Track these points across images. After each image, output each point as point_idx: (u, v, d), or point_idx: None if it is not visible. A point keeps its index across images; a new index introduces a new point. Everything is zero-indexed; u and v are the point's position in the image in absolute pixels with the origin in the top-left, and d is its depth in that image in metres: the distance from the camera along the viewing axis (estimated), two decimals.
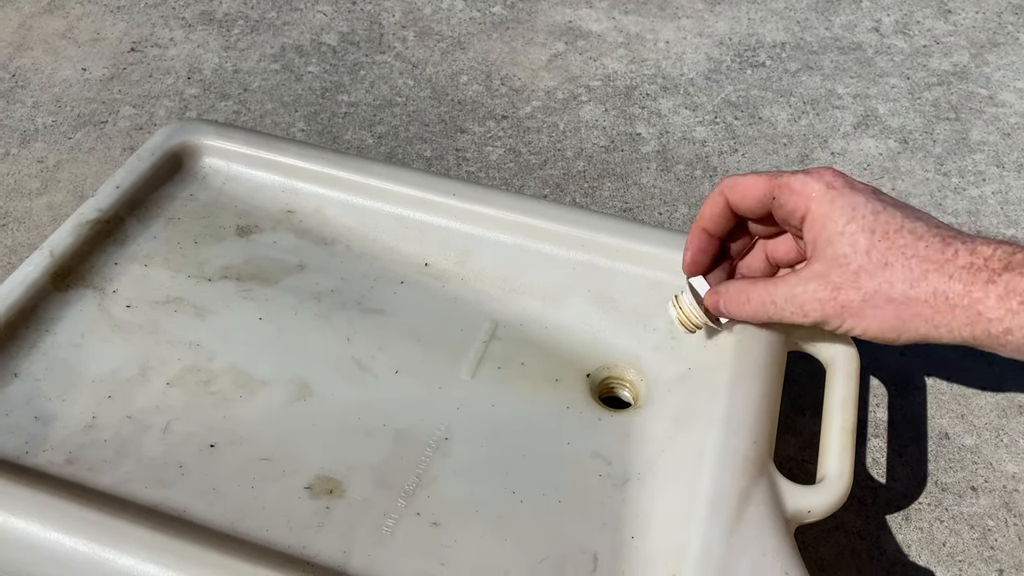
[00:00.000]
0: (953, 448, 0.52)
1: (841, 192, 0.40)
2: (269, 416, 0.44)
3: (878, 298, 0.38)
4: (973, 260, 0.37)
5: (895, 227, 0.38)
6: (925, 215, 0.39)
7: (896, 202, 0.40)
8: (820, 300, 0.40)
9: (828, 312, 0.40)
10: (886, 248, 0.38)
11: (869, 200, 0.39)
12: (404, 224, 0.52)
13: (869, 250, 0.38)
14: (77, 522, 0.37)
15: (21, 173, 0.68)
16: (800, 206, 0.40)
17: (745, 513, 0.38)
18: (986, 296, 0.36)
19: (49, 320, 0.46)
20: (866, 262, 0.38)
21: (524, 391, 0.46)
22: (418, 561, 0.38)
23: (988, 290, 0.36)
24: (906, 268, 0.37)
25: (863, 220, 0.39)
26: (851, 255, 0.39)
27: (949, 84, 0.76)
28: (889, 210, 0.39)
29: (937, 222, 0.39)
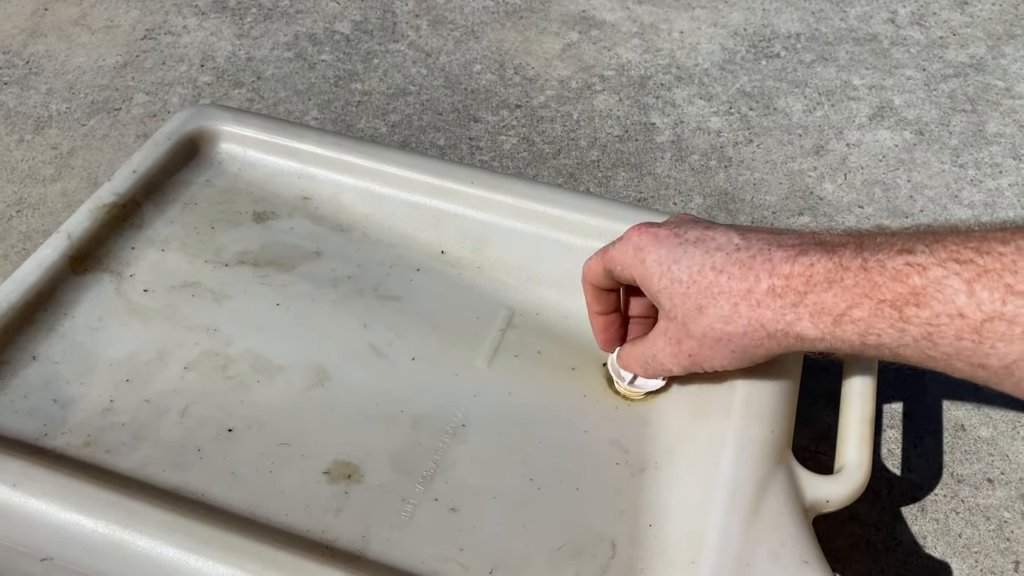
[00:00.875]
0: (969, 440, 0.51)
1: (648, 251, 0.40)
2: (287, 401, 0.44)
3: (709, 339, 0.39)
4: (774, 283, 0.36)
5: (697, 268, 0.38)
6: (727, 238, 0.38)
7: (700, 234, 0.39)
8: (671, 355, 0.41)
9: (684, 363, 0.41)
10: (696, 292, 0.38)
11: (671, 249, 0.39)
12: (420, 211, 0.52)
13: (684, 299, 0.38)
14: (96, 503, 0.37)
15: (35, 159, 0.68)
16: (627, 274, 0.41)
17: (763, 502, 0.38)
18: (798, 319, 0.35)
19: (67, 303, 0.46)
20: (687, 310, 0.39)
21: (541, 379, 0.46)
22: (437, 546, 0.38)
23: (799, 313, 0.35)
24: (716, 307, 0.37)
25: (670, 272, 0.39)
26: (674, 308, 0.39)
27: (966, 76, 0.75)
28: (690, 251, 0.39)
29: (739, 243, 0.38)
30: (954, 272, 0.31)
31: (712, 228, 0.40)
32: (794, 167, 0.68)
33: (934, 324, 0.32)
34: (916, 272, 0.32)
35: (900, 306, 0.32)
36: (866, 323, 0.34)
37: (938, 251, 0.32)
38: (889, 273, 0.33)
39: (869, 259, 0.33)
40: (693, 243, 0.39)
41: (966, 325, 0.31)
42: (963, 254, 0.31)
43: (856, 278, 0.34)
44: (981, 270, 0.30)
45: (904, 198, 0.65)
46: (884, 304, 0.33)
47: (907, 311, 0.32)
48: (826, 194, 0.66)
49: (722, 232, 0.39)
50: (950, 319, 0.31)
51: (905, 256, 0.33)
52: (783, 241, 0.37)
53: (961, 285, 0.31)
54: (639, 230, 0.41)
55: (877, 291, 0.33)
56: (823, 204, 0.65)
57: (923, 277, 0.32)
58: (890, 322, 0.33)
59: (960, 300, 0.31)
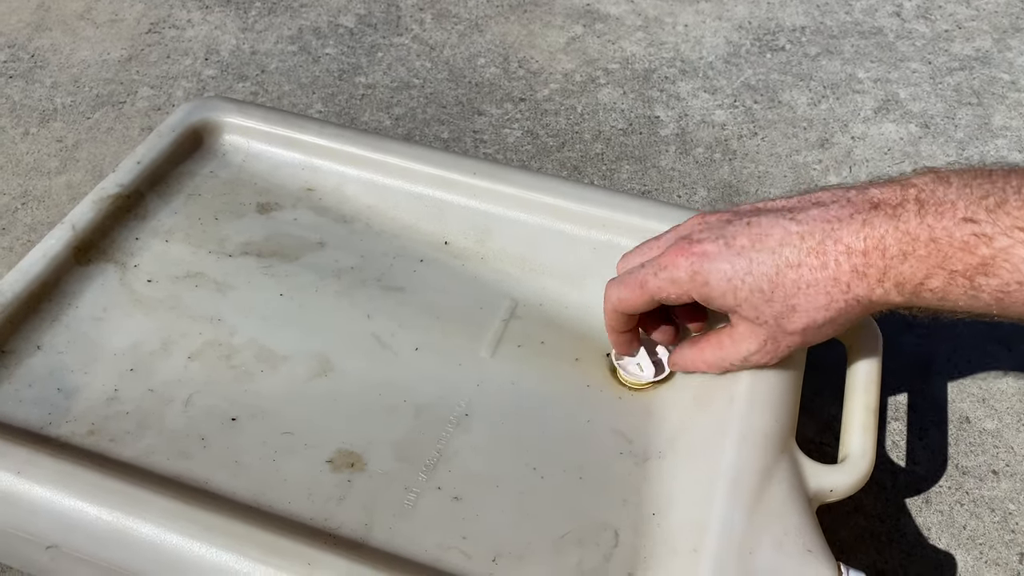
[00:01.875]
0: (974, 432, 0.51)
1: (707, 272, 0.39)
2: (290, 391, 0.44)
3: (811, 329, 0.39)
4: (855, 263, 0.36)
5: (773, 272, 0.38)
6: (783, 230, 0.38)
7: (752, 236, 0.39)
8: (769, 352, 0.41)
9: (783, 355, 0.41)
10: (783, 295, 0.38)
11: (732, 261, 0.39)
12: (424, 203, 0.52)
13: (770, 304, 0.38)
14: (100, 491, 0.37)
15: (40, 152, 0.68)
16: (686, 298, 0.41)
17: (767, 491, 0.38)
18: (886, 293, 0.36)
19: (71, 294, 0.47)
20: (777, 313, 0.39)
21: (544, 369, 0.46)
22: (440, 535, 0.38)
23: (885, 288, 0.36)
24: (810, 300, 0.38)
25: (746, 285, 0.38)
26: (760, 315, 0.39)
27: (971, 69, 0.75)
28: (755, 258, 0.38)
29: (798, 230, 0.38)
30: (1019, 240, 0.32)
31: (755, 224, 0.39)
32: (799, 160, 0.68)
33: (1004, 291, 0.33)
34: (983, 242, 0.33)
35: (971, 276, 0.34)
36: (943, 291, 0.35)
37: (1001, 218, 0.33)
38: (958, 244, 0.34)
39: (935, 227, 0.34)
40: (751, 248, 0.38)
41: None
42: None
43: (927, 249, 0.34)
44: None
45: None
46: (956, 274, 0.34)
47: (978, 280, 0.34)
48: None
49: (771, 224, 0.38)
50: (1019, 286, 0.33)
51: (970, 225, 0.33)
52: (839, 213, 0.37)
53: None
54: (683, 255, 0.40)
55: (948, 262, 0.34)
56: None
57: (990, 247, 0.33)
58: (963, 290, 0.34)
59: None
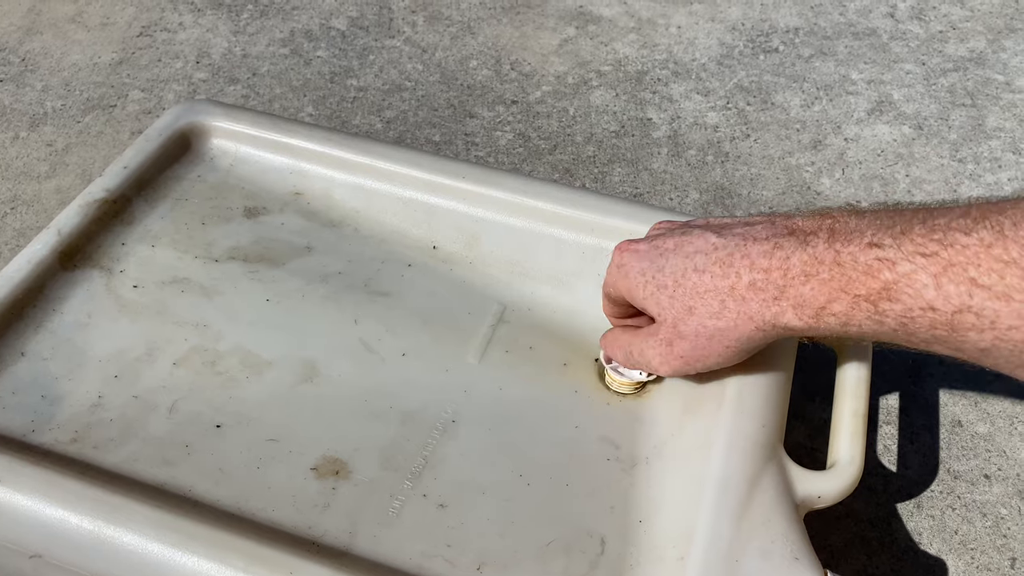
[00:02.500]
0: (966, 436, 0.51)
1: (630, 266, 0.41)
2: (276, 397, 0.43)
3: (702, 337, 0.39)
4: (754, 277, 0.37)
5: (680, 273, 0.39)
6: (704, 240, 0.39)
7: (678, 241, 0.40)
8: (661, 356, 0.41)
9: (674, 365, 0.41)
10: (682, 295, 0.39)
11: (653, 259, 0.41)
12: (412, 207, 0.52)
13: (672, 303, 0.40)
14: (82, 500, 0.37)
15: (30, 156, 0.68)
16: (616, 292, 0.43)
17: (754, 498, 0.38)
18: (782, 312, 0.36)
19: (56, 299, 0.46)
20: (676, 314, 0.40)
21: (532, 375, 0.46)
22: (424, 543, 0.38)
23: (782, 306, 0.36)
24: (705, 305, 0.39)
25: (654, 281, 0.40)
26: (662, 312, 0.40)
27: (965, 70, 0.75)
28: (670, 259, 0.40)
29: (715, 242, 0.39)
30: (921, 267, 0.32)
31: (688, 233, 0.41)
32: (791, 162, 0.67)
33: (908, 316, 0.33)
34: (886, 267, 0.33)
35: (875, 300, 0.33)
36: (846, 316, 0.34)
37: (904, 244, 0.32)
38: (861, 268, 0.33)
39: (841, 251, 0.34)
40: (672, 250, 0.40)
41: (937, 317, 0.32)
42: (928, 247, 0.32)
43: (831, 272, 0.34)
44: (946, 263, 0.31)
45: (903, 193, 0.65)
46: (860, 299, 0.34)
47: (881, 305, 0.33)
48: (823, 189, 0.65)
49: (698, 235, 0.40)
50: (922, 311, 0.32)
51: (875, 250, 0.33)
52: (757, 234, 0.38)
53: (928, 279, 0.32)
54: (619, 249, 0.43)
55: (852, 286, 0.34)
56: (820, 199, 0.64)
57: (892, 272, 0.33)
58: (867, 315, 0.34)
59: (929, 294, 0.32)
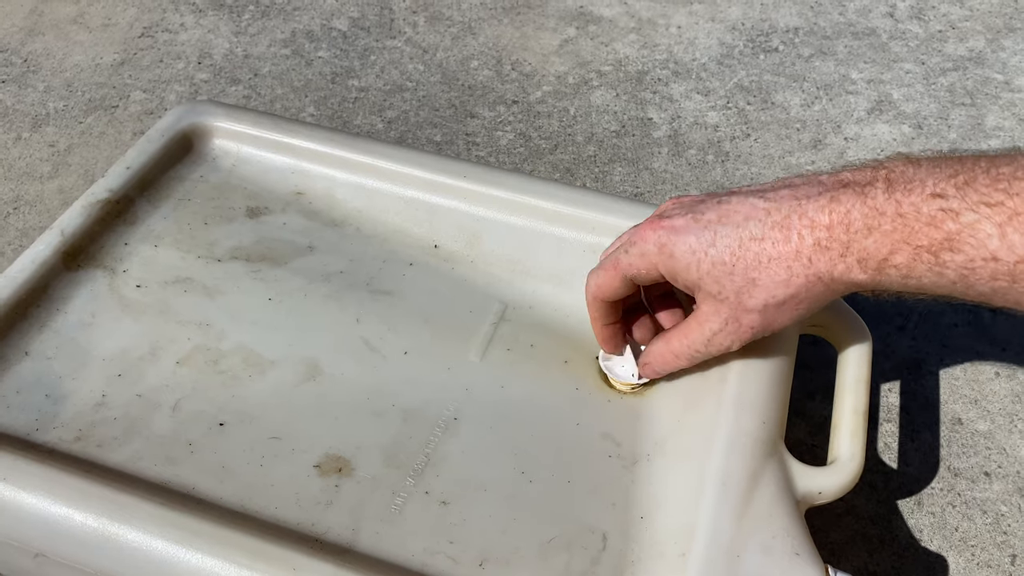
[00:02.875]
0: (966, 433, 0.51)
1: (674, 244, 0.39)
2: (278, 395, 0.44)
3: (771, 306, 0.39)
4: (818, 236, 0.36)
5: (737, 244, 0.38)
6: (751, 206, 0.38)
7: (720, 211, 0.39)
8: (731, 333, 0.40)
9: (746, 338, 0.41)
10: (744, 268, 0.38)
11: (699, 234, 0.39)
12: (414, 206, 0.52)
13: (732, 278, 0.38)
14: (86, 497, 0.37)
15: (33, 157, 0.68)
16: (654, 273, 0.41)
17: (755, 494, 0.38)
18: (848, 269, 0.36)
19: (60, 299, 0.47)
20: (738, 287, 0.38)
21: (533, 373, 0.46)
22: (426, 539, 0.38)
23: (848, 263, 0.36)
24: (770, 274, 0.37)
25: (708, 258, 0.39)
26: (723, 289, 0.39)
27: (965, 69, 0.75)
28: (720, 231, 0.38)
29: (765, 206, 0.38)
30: (985, 216, 0.32)
31: (725, 202, 0.39)
32: (792, 161, 0.67)
33: (969, 268, 0.32)
34: (950, 218, 0.32)
35: (936, 251, 0.33)
36: (907, 268, 0.34)
37: (969, 194, 0.32)
38: (924, 219, 0.33)
39: (903, 202, 0.34)
40: (718, 222, 0.39)
41: (1000, 268, 0.32)
42: (993, 196, 0.31)
43: (893, 223, 0.34)
44: (1012, 212, 0.31)
45: None
46: (921, 250, 0.33)
47: (943, 256, 0.33)
48: None
49: (740, 201, 0.39)
50: (984, 262, 0.32)
51: (938, 201, 0.33)
52: (808, 192, 0.37)
53: (993, 229, 0.31)
54: (651, 228, 0.40)
55: (914, 237, 0.33)
56: None
57: (956, 222, 0.32)
58: (928, 266, 0.34)
59: (993, 244, 0.31)
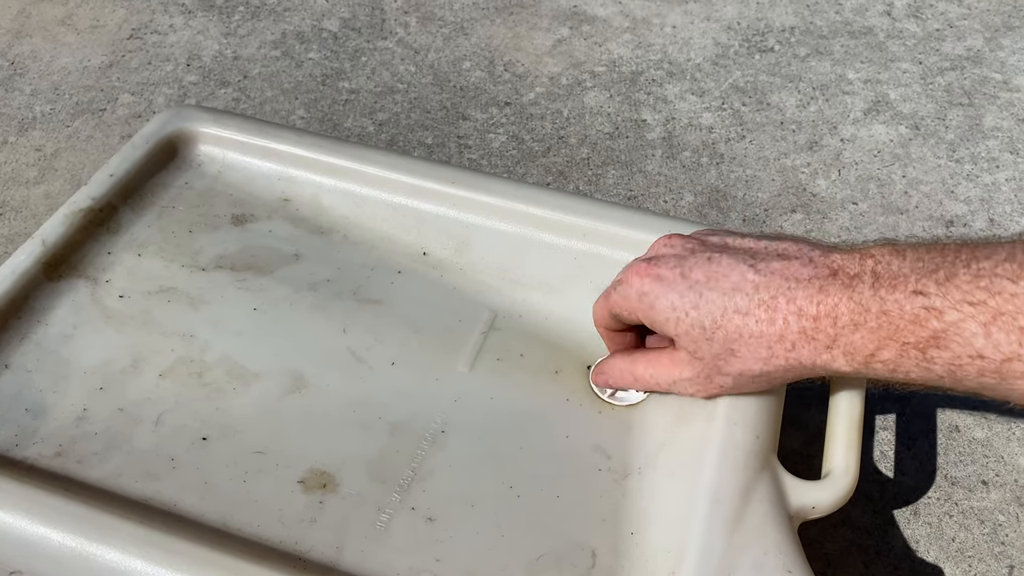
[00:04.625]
0: (963, 441, 0.50)
1: (655, 296, 0.39)
2: (262, 408, 0.43)
3: (745, 377, 0.39)
4: (804, 326, 0.36)
5: (719, 313, 0.38)
6: (740, 275, 0.38)
7: (708, 272, 0.39)
8: (698, 385, 0.41)
9: (712, 393, 0.41)
10: (724, 338, 0.38)
11: (682, 293, 0.39)
12: (402, 213, 0.51)
13: (711, 344, 0.39)
14: (65, 516, 0.36)
15: (19, 162, 0.67)
16: (634, 318, 0.41)
17: (747, 509, 0.37)
18: (833, 359, 0.36)
19: (41, 310, 0.46)
20: (716, 353, 0.39)
21: (523, 383, 0.45)
22: (412, 557, 0.38)
23: (833, 354, 0.36)
24: (751, 350, 0.38)
25: (688, 319, 0.39)
26: (699, 351, 0.39)
27: (962, 69, 0.74)
28: (705, 295, 0.38)
29: (755, 279, 0.38)
30: (969, 315, 0.32)
31: (716, 262, 0.39)
32: (787, 163, 0.67)
33: (956, 364, 0.33)
34: (933, 316, 0.33)
35: (923, 348, 0.34)
36: (894, 363, 0.35)
37: (951, 292, 0.33)
38: (908, 316, 0.34)
39: (887, 299, 0.34)
40: (705, 284, 0.39)
41: (987, 365, 0.32)
42: (975, 295, 0.32)
43: (878, 320, 0.34)
44: (995, 312, 0.32)
45: (899, 194, 0.64)
46: (908, 346, 0.34)
47: (930, 352, 0.34)
48: (819, 191, 0.64)
49: (729, 265, 0.39)
50: (971, 359, 0.33)
51: (920, 298, 0.33)
52: (798, 273, 0.37)
53: (977, 328, 0.32)
54: (638, 274, 0.40)
55: (900, 334, 0.34)
56: (816, 201, 0.64)
57: (940, 321, 0.33)
58: (915, 362, 0.34)
59: (978, 343, 0.32)
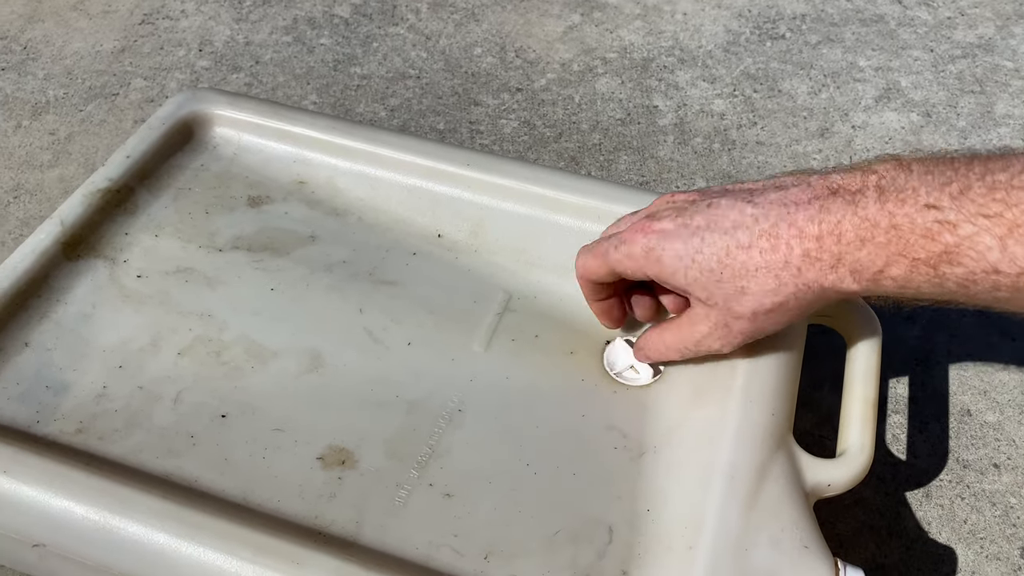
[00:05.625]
0: (975, 424, 0.51)
1: (662, 249, 0.39)
2: (280, 387, 0.43)
3: (760, 314, 0.38)
4: (807, 247, 0.35)
5: (724, 252, 0.37)
6: (739, 212, 0.37)
7: (709, 217, 0.38)
8: (721, 338, 0.40)
9: (736, 342, 0.40)
10: (731, 276, 0.37)
11: (686, 240, 0.38)
12: (417, 195, 0.51)
13: (720, 286, 0.38)
14: (87, 490, 0.37)
15: (33, 145, 0.67)
16: (641, 274, 0.41)
17: (763, 487, 0.38)
18: (840, 279, 0.35)
19: (60, 290, 0.46)
20: (727, 294, 0.38)
21: (538, 363, 0.45)
22: (431, 532, 0.38)
23: (839, 273, 0.35)
24: (759, 283, 0.37)
25: (696, 265, 0.38)
26: (711, 296, 0.39)
27: (974, 57, 0.74)
28: (708, 238, 0.38)
29: (753, 212, 0.37)
30: (984, 228, 0.31)
31: (715, 205, 0.39)
32: (799, 150, 0.67)
33: (970, 279, 0.32)
34: (946, 230, 0.32)
35: (935, 264, 0.33)
36: (904, 279, 0.34)
37: (965, 205, 0.31)
38: (920, 231, 0.32)
39: (896, 213, 0.33)
40: (706, 228, 0.38)
41: (1001, 280, 0.31)
42: (991, 207, 0.31)
43: (887, 236, 0.33)
44: (1012, 224, 0.30)
45: None
46: (919, 262, 0.33)
47: (942, 268, 0.32)
48: None
49: (728, 205, 0.38)
50: (985, 275, 0.32)
51: (932, 212, 0.32)
52: (796, 197, 0.36)
53: (993, 242, 0.31)
54: (641, 231, 0.40)
55: (910, 249, 0.33)
56: None
57: (954, 235, 0.32)
58: (926, 278, 0.33)
59: (993, 257, 0.31)
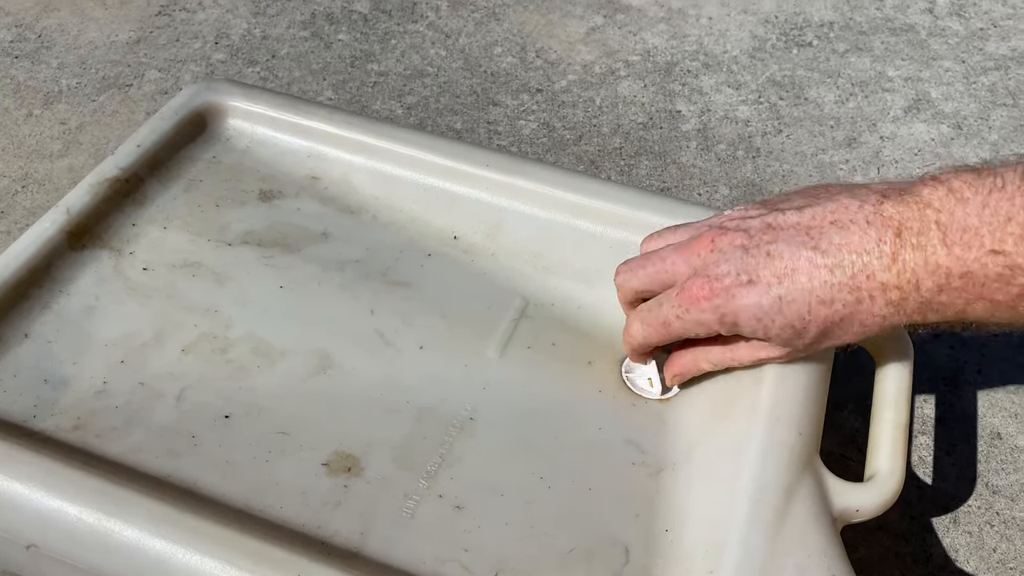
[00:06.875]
0: (1006, 448, 0.49)
1: (734, 313, 0.38)
2: (287, 388, 0.42)
3: (836, 346, 0.39)
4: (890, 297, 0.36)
5: (805, 309, 0.37)
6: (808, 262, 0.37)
7: (775, 270, 0.37)
8: (783, 359, 0.40)
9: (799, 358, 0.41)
10: (816, 328, 0.38)
11: (761, 300, 0.37)
12: (433, 194, 0.50)
13: (802, 336, 0.38)
14: (81, 490, 0.35)
15: (43, 135, 0.66)
16: (714, 332, 0.40)
17: (790, 510, 0.36)
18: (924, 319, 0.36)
19: (63, 280, 0.45)
20: (809, 341, 0.38)
21: (554, 372, 0.44)
22: (439, 546, 0.36)
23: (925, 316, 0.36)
24: (845, 330, 0.37)
25: (775, 325, 0.38)
26: (790, 343, 0.39)
27: (1007, 69, 0.72)
28: (786, 298, 0.37)
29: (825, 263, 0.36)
30: None
31: (775, 255, 0.37)
32: (825, 159, 0.65)
33: None
34: (1019, 274, 0.33)
35: (1014, 304, 0.34)
36: (986, 317, 0.36)
37: None
38: (992, 276, 0.33)
39: (965, 259, 0.34)
40: (779, 285, 0.37)
41: None
42: None
43: (963, 281, 0.34)
44: None
45: None
46: (999, 304, 0.34)
47: (1020, 308, 0.34)
48: None
49: (792, 255, 0.37)
50: None
51: (1000, 258, 0.33)
52: (864, 242, 0.36)
53: None
54: (705, 294, 0.38)
55: (988, 292, 0.34)
56: None
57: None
58: (1009, 315, 0.35)
59: None
